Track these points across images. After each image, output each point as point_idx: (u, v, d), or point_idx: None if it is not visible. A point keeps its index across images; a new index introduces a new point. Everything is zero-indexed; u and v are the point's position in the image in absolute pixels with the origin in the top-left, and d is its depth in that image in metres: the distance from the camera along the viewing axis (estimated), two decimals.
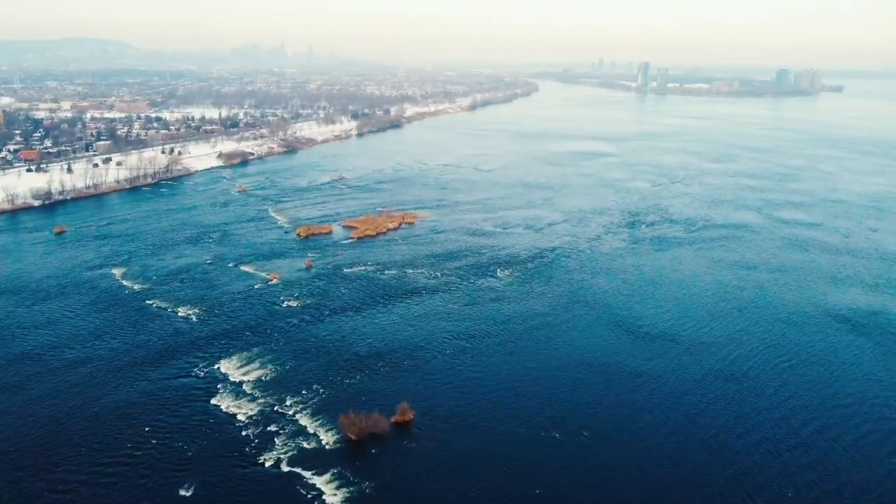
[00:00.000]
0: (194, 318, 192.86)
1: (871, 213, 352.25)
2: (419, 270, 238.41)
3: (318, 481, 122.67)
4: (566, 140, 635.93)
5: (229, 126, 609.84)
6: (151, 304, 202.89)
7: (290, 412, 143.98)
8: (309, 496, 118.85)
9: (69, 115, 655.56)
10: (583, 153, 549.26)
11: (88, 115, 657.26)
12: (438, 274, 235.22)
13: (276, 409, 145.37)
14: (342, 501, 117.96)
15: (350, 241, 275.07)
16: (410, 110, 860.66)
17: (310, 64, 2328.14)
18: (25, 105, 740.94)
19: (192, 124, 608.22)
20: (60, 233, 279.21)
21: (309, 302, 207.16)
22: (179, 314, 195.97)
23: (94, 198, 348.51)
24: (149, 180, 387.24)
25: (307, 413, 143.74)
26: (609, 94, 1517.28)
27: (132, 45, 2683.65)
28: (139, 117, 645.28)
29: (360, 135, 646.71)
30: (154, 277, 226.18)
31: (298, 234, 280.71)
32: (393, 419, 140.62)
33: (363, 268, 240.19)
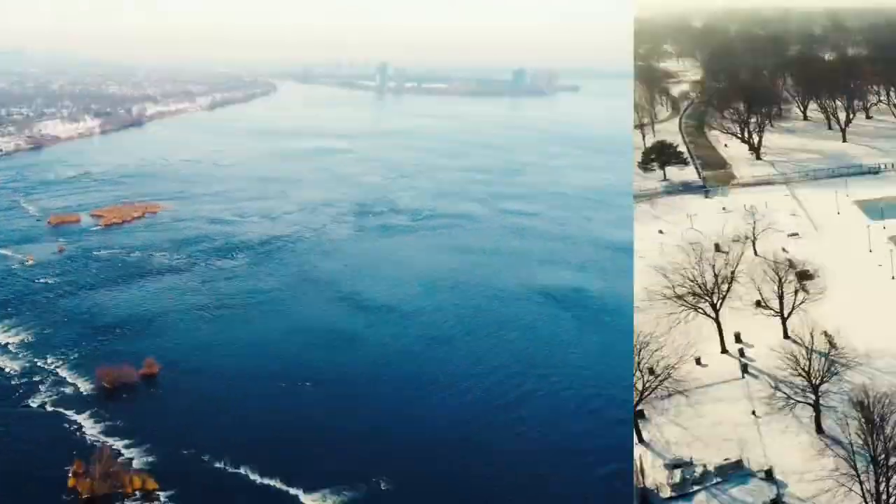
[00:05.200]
0: None
1: (589, 204, 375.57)
2: (162, 253, 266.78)
3: (79, 418, 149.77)
4: (305, 138, 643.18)
5: None
6: None
7: (52, 367, 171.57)
8: (72, 429, 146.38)
9: None
10: (320, 150, 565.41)
11: None
12: (180, 256, 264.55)
13: (38, 364, 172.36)
14: (99, 432, 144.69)
15: (98, 228, 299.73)
16: (152, 109, 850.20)
17: (50, 64, 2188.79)
18: None
19: None
20: None
21: (63, 280, 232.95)
22: None
23: None
24: None
25: (66, 367, 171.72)
26: (349, 94, 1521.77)
27: None
28: None
29: (103, 132, 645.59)
30: None
31: (49, 222, 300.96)
32: (141, 372, 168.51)
33: (111, 251, 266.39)
